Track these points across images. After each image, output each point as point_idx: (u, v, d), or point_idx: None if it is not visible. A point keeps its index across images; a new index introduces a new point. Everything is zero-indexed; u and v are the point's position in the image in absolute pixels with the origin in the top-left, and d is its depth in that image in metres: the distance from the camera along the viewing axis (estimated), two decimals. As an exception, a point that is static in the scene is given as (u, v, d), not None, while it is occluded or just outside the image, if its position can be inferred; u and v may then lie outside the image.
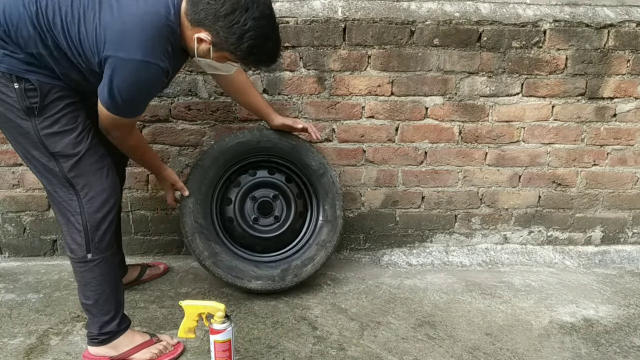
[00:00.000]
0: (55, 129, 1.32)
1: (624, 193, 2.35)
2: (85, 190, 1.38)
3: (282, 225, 1.96)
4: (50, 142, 1.32)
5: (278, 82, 2.11)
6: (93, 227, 1.39)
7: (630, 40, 2.14)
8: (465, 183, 2.29)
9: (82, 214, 1.38)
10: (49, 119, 1.31)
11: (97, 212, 1.39)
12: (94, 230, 1.39)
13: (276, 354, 1.55)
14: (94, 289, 1.43)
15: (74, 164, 1.35)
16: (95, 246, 1.40)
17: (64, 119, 1.33)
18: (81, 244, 1.40)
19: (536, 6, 2.17)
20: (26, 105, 1.28)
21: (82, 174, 1.37)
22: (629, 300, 1.95)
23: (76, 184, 1.37)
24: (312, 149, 1.93)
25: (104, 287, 1.44)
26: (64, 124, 1.33)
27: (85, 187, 1.38)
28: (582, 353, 1.59)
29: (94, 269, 1.42)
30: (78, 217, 1.38)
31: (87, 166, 1.37)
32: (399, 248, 2.34)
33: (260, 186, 1.96)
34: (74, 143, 1.34)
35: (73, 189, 1.37)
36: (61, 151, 1.33)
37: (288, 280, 1.87)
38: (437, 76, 2.14)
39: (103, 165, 1.42)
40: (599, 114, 2.24)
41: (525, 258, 2.32)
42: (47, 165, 1.35)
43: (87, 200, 1.38)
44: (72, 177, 1.36)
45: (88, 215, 1.38)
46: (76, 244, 1.40)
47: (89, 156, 1.37)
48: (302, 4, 2.07)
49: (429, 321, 1.77)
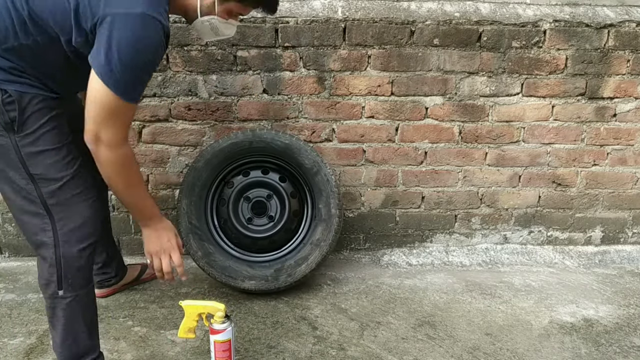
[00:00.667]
0: (39, 148, 1.16)
1: (624, 193, 2.34)
2: (64, 221, 1.21)
3: (276, 225, 1.97)
4: (32, 162, 1.16)
5: (278, 82, 2.11)
6: (68, 262, 1.22)
7: (630, 40, 2.14)
8: (465, 183, 2.29)
9: (56, 246, 1.21)
10: (30, 135, 1.15)
11: (74, 246, 1.23)
12: (68, 265, 1.22)
13: (276, 354, 1.55)
14: (63, 328, 1.27)
15: (56, 190, 1.19)
16: (69, 282, 1.23)
17: (47, 136, 1.18)
18: (51, 280, 1.23)
19: (536, 6, 2.16)
20: (4, 120, 1.12)
21: (64, 203, 1.20)
22: (629, 300, 1.95)
23: (54, 213, 1.20)
24: (306, 147, 1.93)
25: (75, 327, 1.27)
26: (48, 142, 1.17)
27: (64, 218, 1.21)
28: (582, 353, 1.59)
29: (64, 307, 1.25)
30: (51, 249, 1.21)
31: (70, 194, 1.21)
32: (399, 248, 2.34)
33: (254, 186, 1.97)
34: (59, 166, 1.19)
35: (49, 218, 1.20)
36: (43, 174, 1.17)
37: (282, 280, 1.87)
38: (437, 76, 2.14)
39: (89, 197, 1.25)
40: (599, 114, 2.23)
41: (525, 258, 2.32)
42: (25, 188, 1.18)
43: (65, 232, 1.21)
44: (52, 204, 1.19)
45: (63, 248, 1.21)
46: (45, 278, 1.24)
47: (73, 183, 1.21)
48: (302, 4, 2.07)
49: (429, 321, 1.77)
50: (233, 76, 2.09)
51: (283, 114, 2.15)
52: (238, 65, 2.08)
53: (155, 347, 1.58)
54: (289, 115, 2.15)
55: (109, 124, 1.17)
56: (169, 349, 1.57)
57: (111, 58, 1.11)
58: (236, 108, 2.13)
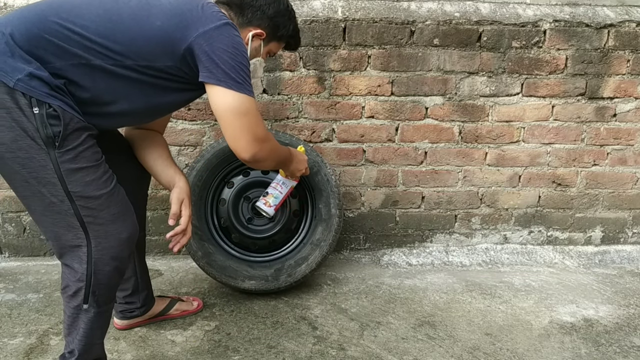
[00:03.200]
0: (79, 165, 1.13)
1: (624, 193, 2.35)
2: (100, 239, 1.19)
3: (276, 225, 1.97)
4: (71, 179, 1.13)
5: (278, 82, 2.11)
6: (98, 279, 1.21)
7: (630, 40, 2.14)
8: (465, 183, 2.29)
9: (89, 263, 1.19)
10: (71, 151, 1.12)
11: (107, 265, 1.21)
12: (97, 282, 1.21)
13: (276, 354, 1.55)
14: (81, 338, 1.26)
15: (94, 208, 1.16)
16: (95, 299, 1.23)
17: (87, 153, 1.15)
18: (78, 293, 1.22)
19: (536, 6, 2.17)
20: (46, 134, 1.09)
21: (101, 222, 1.18)
22: (629, 300, 1.95)
23: (90, 230, 1.18)
24: (306, 147, 1.93)
25: (90, 338, 1.27)
26: (88, 159, 1.15)
27: (101, 236, 1.19)
28: (582, 353, 1.59)
29: (86, 320, 1.25)
30: (84, 265, 1.19)
31: (108, 213, 1.19)
32: (399, 248, 2.34)
33: (253, 186, 1.97)
34: (98, 183, 1.17)
35: (85, 234, 1.18)
36: (82, 191, 1.14)
37: (282, 280, 1.87)
38: (437, 76, 2.14)
39: (125, 213, 1.24)
40: (599, 114, 2.24)
41: (525, 258, 2.32)
42: (59, 205, 1.14)
43: (99, 250, 1.19)
44: (89, 222, 1.17)
45: (95, 266, 1.20)
46: (72, 289, 1.22)
47: (112, 202, 1.20)
48: (302, 4, 2.07)
49: (429, 321, 1.77)
50: (233, 76, 2.09)
51: (283, 114, 2.15)
52: (238, 65, 2.08)
53: (155, 347, 1.58)
54: (289, 115, 2.15)
55: (256, 122, 1.25)
56: (169, 349, 1.57)
57: (225, 67, 1.18)
58: (236, 108, 2.13)
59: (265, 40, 1.43)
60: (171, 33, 1.17)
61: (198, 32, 1.17)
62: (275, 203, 1.69)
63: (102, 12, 1.15)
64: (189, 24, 1.18)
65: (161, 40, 1.17)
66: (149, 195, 2.20)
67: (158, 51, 1.18)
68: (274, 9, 1.40)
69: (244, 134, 1.24)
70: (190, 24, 1.18)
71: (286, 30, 1.45)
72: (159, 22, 1.17)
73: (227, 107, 1.21)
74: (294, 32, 1.49)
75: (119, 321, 1.67)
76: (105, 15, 1.15)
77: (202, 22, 1.18)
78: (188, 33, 1.17)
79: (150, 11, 1.18)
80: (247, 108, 1.22)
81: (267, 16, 1.39)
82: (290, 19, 1.45)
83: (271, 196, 1.70)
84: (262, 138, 1.27)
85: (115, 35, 1.14)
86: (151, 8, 1.18)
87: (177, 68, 1.21)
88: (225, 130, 1.24)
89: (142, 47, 1.16)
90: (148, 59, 1.18)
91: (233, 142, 1.25)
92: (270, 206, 1.70)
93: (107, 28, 1.14)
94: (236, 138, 1.24)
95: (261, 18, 1.39)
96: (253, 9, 1.37)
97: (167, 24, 1.17)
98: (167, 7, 1.19)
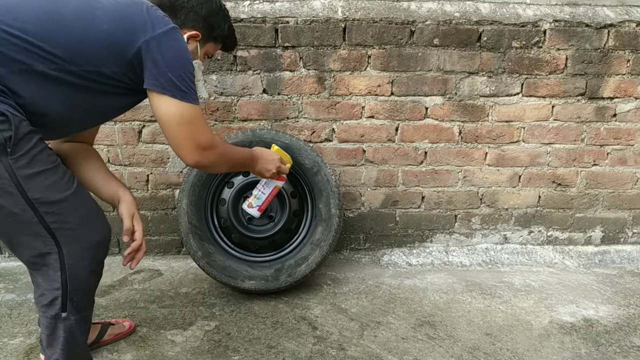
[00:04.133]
0: (36, 169, 1.05)
1: (624, 193, 2.34)
2: (71, 245, 1.13)
3: (276, 225, 1.96)
4: (29, 185, 1.05)
5: (278, 82, 2.11)
6: (75, 285, 1.16)
7: (630, 40, 2.14)
8: (465, 183, 2.29)
9: (62, 270, 1.13)
10: (25, 156, 1.04)
11: (83, 269, 1.16)
12: (74, 288, 1.16)
13: (276, 354, 1.55)
14: (63, 348, 1.21)
15: (60, 213, 1.10)
16: (74, 305, 1.17)
17: (42, 155, 1.07)
18: (55, 302, 1.16)
19: (536, 6, 2.17)
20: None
21: (69, 225, 1.12)
22: (629, 300, 1.95)
23: (59, 236, 1.11)
24: (306, 147, 1.93)
25: (73, 346, 1.22)
26: (44, 162, 1.07)
27: (71, 241, 1.13)
28: (582, 353, 1.59)
29: (66, 329, 1.19)
30: (57, 272, 1.13)
31: (75, 215, 1.13)
32: (399, 248, 2.34)
33: (254, 186, 1.95)
34: (59, 185, 1.10)
35: (54, 241, 1.11)
36: (43, 197, 1.07)
37: (282, 280, 1.87)
38: (437, 76, 2.14)
39: (94, 213, 1.19)
40: (599, 114, 2.23)
41: (525, 258, 2.32)
42: (21, 215, 1.06)
43: (72, 255, 1.13)
44: (56, 228, 1.10)
45: (70, 272, 1.14)
46: (50, 299, 1.16)
47: (77, 202, 1.14)
48: (302, 4, 2.07)
49: (429, 321, 1.77)
50: (233, 76, 2.09)
51: (283, 114, 2.15)
52: (238, 65, 2.08)
53: (155, 347, 1.58)
54: (289, 115, 2.15)
55: (200, 130, 1.23)
56: (169, 349, 1.57)
57: (172, 75, 1.15)
58: (236, 108, 2.13)
59: (201, 42, 1.40)
60: (118, 37, 1.12)
61: (146, 37, 1.13)
62: (258, 204, 1.67)
63: (41, 13, 1.07)
64: (136, 28, 1.14)
65: (108, 44, 1.11)
66: (148, 195, 2.22)
67: (104, 56, 1.12)
68: (207, 9, 1.37)
69: (188, 142, 1.22)
70: (137, 28, 1.14)
71: (221, 30, 1.43)
72: (106, 25, 1.11)
73: (172, 116, 1.19)
74: (229, 32, 1.47)
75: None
76: (46, 17, 1.07)
77: (149, 26, 1.15)
78: (135, 38, 1.13)
79: (94, 13, 1.11)
80: (192, 116, 1.20)
81: (201, 17, 1.37)
82: (224, 18, 1.43)
83: (254, 197, 1.69)
84: (205, 145, 1.25)
85: (58, 38, 1.07)
86: (94, 10, 1.12)
87: (122, 74, 1.16)
88: (169, 138, 1.22)
89: (87, 51, 1.10)
90: (94, 64, 1.11)
91: (177, 149, 1.24)
92: (253, 207, 1.68)
93: (49, 30, 1.06)
94: (180, 146, 1.23)
95: (195, 19, 1.36)
96: (186, 10, 1.35)
97: (113, 28, 1.12)
98: (110, 10, 1.13)
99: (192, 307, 1.83)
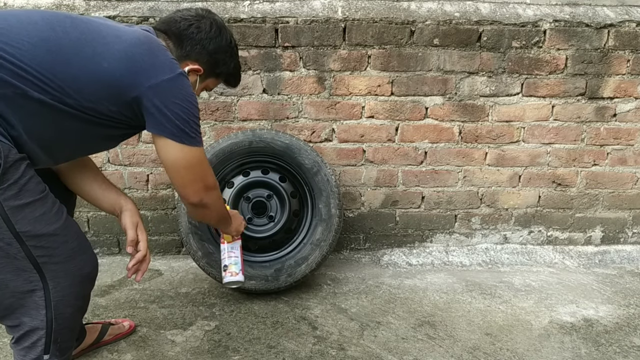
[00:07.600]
0: (24, 200, 0.98)
1: (624, 193, 2.35)
2: (59, 279, 1.05)
3: (276, 225, 1.96)
4: (17, 218, 0.97)
5: (278, 82, 2.11)
6: (60, 324, 1.07)
7: (630, 40, 2.14)
8: (465, 183, 2.29)
9: (48, 308, 1.05)
10: (13, 186, 0.96)
11: (70, 306, 1.09)
12: (60, 328, 1.07)
13: (276, 354, 1.55)
14: None
15: (48, 247, 1.03)
16: (57, 347, 1.09)
17: (30, 185, 1.00)
18: (38, 344, 1.06)
19: (536, 6, 2.17)
20: None
21: (57, 259, 1.05)
22: (629, 300, 1.95)
23: (47, 271, 1.03)
24: (306, 147, 1.93)
25: None
26: (32, 192, 1.00)
27: (59, 276, 1.05)
28: (582, 353, 1.59)
29: None
30: (42, 311, 1.05)
31: (64, 248, 1.06)
32: (399, 248, 2.34)
33: (254, 186, 1.97)
34: (49, 217, 1.03)
35: (40, 276, 1.03)
36: (32, 230, 0.99)
37: (282, 280, 1.87)
38: (437, 76, 2.14)
39: (84, 245, 1.13)
40: (599, 114, 2.24)
41: (525, 258, 2.32)
42: (6, 249, 0.98)
43: (58, 291, 1.06)
44: (44, 262, 1.03)
45: (56, 309, 1.06)
46: (32, 340, 1.07)
47: (68, 234, 1.07)
48: (302, 4, 2.07)
49: (429, 321, 1.77)
50: (233, 76, 2.09)
51: (283, 114, 2.15)
52: (238, 65, 2.08)
53: (155, 347, 1.58)
54: (289, 115, 2.15)
55: (206, 172, 1.25)
56: (169, 349, 1.57)
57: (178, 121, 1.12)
58: (236, 108, 2.13)
59: (202, 76, 1.32)
60: (119, 78, 1.06)
61: (150, 82, 1.08)
62: (239, 269, 1.62)
63: (38, 40, 1.00)
64: (139, 71, 1.08)
65: (107, 83, 1.05)
66: (148, 195, 2.22)
67: (102, 94, 1.06)
68: (215, 45, 1.30)
69: (194, 183, 1.22)
70: (140, 71, 1.08)
71: (226, 67, 1.36)
72: (106, 63, 1.05)
73: (178, 160, 1.17)
74: (234, 70, 1.39)
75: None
76: (43, 45, 1.00)
77: (154, 71, 1.09)
78: (138, 82, 1.07)
79: (95, 49, 1.05)
80: (198, 159, 1.19)
81: (207, 51, 1.29)
82: (232, 56, 1.36)
83: (232, 265, 1.62)
84: (211, 186, 1.27)
85: (55, 69, 1.00)
86: (96, 46, 1.05)
87: (120, 113, 1.11)
88: (174, 179, 1.21)
89: (84, 87, 1.03)
90: (91, 101, 1.05)
91: (182, 189, 1.22)
92: (237, 274, 1.62)
93: (45, 60, 1.00)
94: (185, 186, 1.22)
95: (200, 53, 1.28)
96: (193, 42, 1.27)
97: (114, 67, 1.05)
98: (114, 47, 1.07)
99: (192, 307, 1.83)
